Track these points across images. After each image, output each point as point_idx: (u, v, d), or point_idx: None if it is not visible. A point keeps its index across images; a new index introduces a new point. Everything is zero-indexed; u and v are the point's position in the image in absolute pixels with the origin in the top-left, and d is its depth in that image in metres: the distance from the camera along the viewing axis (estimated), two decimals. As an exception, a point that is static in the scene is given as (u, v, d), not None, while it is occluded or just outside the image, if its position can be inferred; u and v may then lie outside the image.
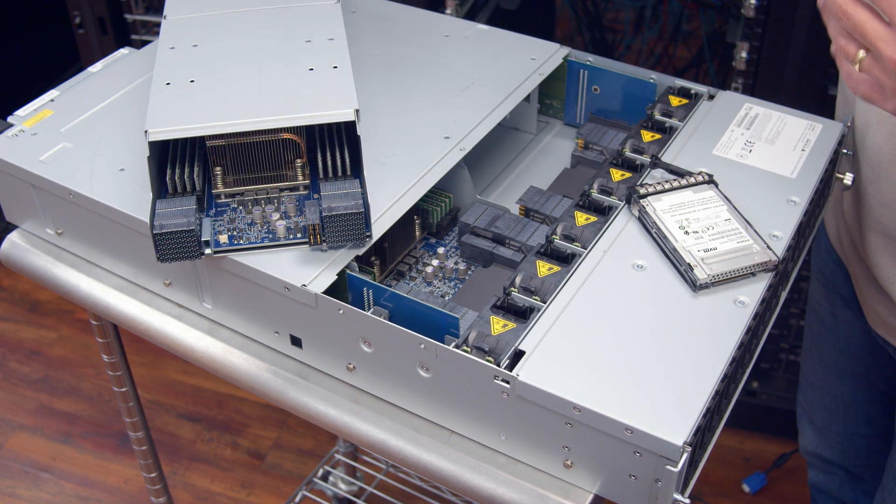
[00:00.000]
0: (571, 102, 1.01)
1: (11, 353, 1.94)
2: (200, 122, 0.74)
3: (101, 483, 1.68)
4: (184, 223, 0.73)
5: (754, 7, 1.26)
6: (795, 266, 0.86)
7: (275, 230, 0.76)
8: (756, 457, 1.69)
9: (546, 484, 0.69)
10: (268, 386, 0.79)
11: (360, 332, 0.72)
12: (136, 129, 0.87)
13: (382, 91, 0.93)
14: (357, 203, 0.73)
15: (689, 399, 0.63)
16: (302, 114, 0.75)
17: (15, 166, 0.86)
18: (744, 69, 1.32)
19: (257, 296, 0.76)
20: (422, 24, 1.05)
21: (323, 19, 0.89)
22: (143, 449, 1.16)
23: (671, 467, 0.61)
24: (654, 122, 0.90)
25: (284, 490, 1.66)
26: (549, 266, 0.74)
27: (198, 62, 0.83)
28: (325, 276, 0.73)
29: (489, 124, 0.88)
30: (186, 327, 0.84)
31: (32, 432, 1.78)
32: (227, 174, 0.79)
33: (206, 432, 1.77)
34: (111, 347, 1.04)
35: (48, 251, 0.91)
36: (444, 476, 0.72)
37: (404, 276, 0.84)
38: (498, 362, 0.66)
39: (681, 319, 0.69)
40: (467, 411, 0.71)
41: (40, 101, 0.94)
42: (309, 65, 0.81)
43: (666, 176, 0.83)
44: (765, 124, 0.89)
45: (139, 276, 0.87)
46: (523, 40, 1.01)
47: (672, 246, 0.74)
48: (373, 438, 0.75)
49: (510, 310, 0.72)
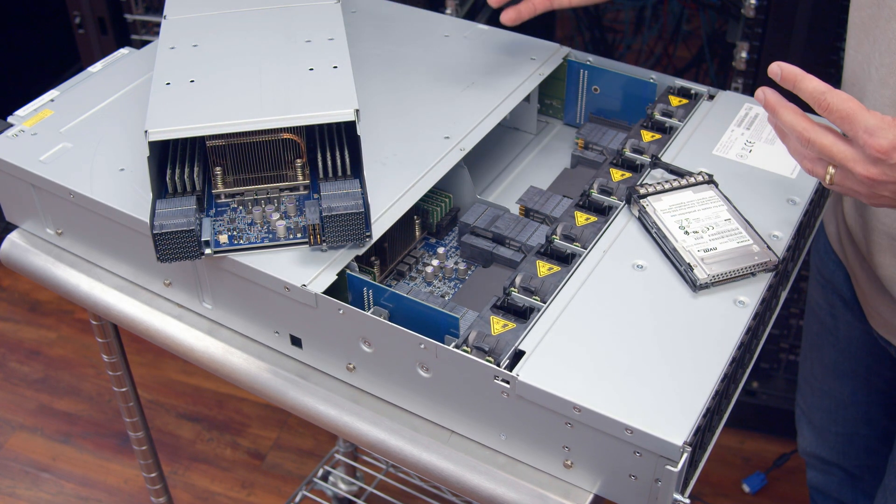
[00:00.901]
0: (571, 102, 1.01)
1: (11, 353, 1.93)
2: (200, 122, 0.74)
3: (101, 483, 1.68)
4: (184, 223, 0.73)
5: (754, 7, 1.27)
6: (795, 266, 0.86)
7: (275, 230, 0.76)
8: (756, 457, 1.69)
9: (546, 484, 0.69)
10: (268, 386, 0.79)
11: (360, 332, 0.72)
12: (136, 129, 0.87)
13: (382, 91, 0.93)
14: (357, 203, 0.73)
15: (689, 399, 0.63)
16: (302, 114, 0.75)
17: (15, 166, 0.86)
18: (744, 69, 1.32)
19: (257, 296, 0.76)
20: (422, 24, 1.05)
21: (323, 19, 0.89)
22: (143, 449, 1.16)
23: (671, 467, 0.61)
24: (654, 122, 0.90)
25: (284, 490, 1.66)
26: (549, 266, 0.74)
27: (198, 62, 0.83)
28: (325, 276, 0.73)
29: (489, 124, 0.88)
30: (186, 327, 0.84)
31: (32, 432, 1.78)
32: (227, 174, 0.79)
33: (206, 432, 1.77)
34: (111, 347, 1.04)
35: (48, 251, 0.91)
36: (444, 476, 0.72)
37: (404, 276, 0.84)
38: (498, 362, 0.66)
39: (681, 319, 0.69)
40: (467, 411, 0.71)
41: (40, 101, 0.94)
42: (309, 65, 0.81)
43: (666, 176, 0.83)
44: (765, 124, 0.89)
45: (139, 276, 0.87)
46: (523, 40, 1.01)
47: (672, 246, 0.74)
48: (373, 438, 0.75)
49: (510, 310, 0.72)
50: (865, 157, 0.67)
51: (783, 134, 0.73)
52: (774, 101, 0.71)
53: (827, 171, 0.71)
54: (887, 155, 0.66)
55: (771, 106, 0.71)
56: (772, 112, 0.72)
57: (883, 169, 0.67)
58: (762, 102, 0.72)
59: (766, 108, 0.72)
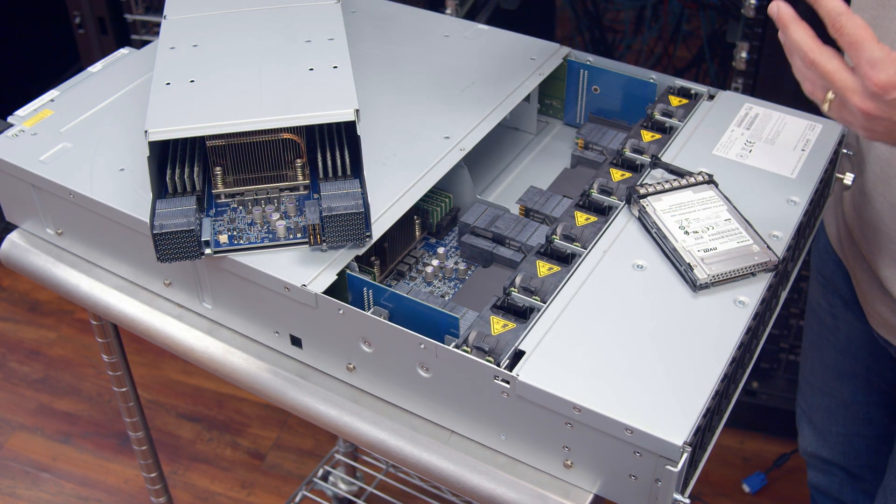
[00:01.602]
0: (571, 102, 1.01)
1: (11, 353, 1.94)
2: (200, 122, 0.74)
3: (101, 483, 1.68)
4: (184, 223, 0.73)
5: (754, 7, 1.27)
6: (795, 266, 0.86)
7: (275, 230, 0.76)
8: (756, 457, 1.69)
9: (546, 484, 0.69)
10: (268, 386, 0.79)
11: (360, 332, 0.72)
12: (136, 129, 0.87)
13: (382, 91, 0.93)
14: (357, 203, 0.73)
15: (689, 399, 0.63)
16: (302, 114, 0.75)
17: (15, 166, 0.86)
18: (744, 69, 1.32)
19: (257, 296, 0.76)
20: (422, 24, 1.05)
21: (323, 19, 0.89)
22: (143, 449, 1.16)
23: (671, 467, 0.61)
24: (654, 122, 0.90)
25: (284, 490, 1.66)
26: (549, 266, 0.74)
27: (198, 62, 0.83)
28: (325, 276, 0.73)
29: (489, 124, 0.88)
30: (186, 327, 0.84)
31: (32, 432, 1.78)
32: (227, 174, 0.79)
33: (206, 432, 1.77)
34: (111, 347, 1.04)
35: (48, 251, 0.91)
36: (444, 476, 0.72)
37: (404, 276, 0.84)
38: (498, 362, 0.66)
39: (681, 319, 0.69)
40: (467, 411, 0.70)
41: (40, 101, 0.94)
42: (309, 65, 0.81)
43: (666, 176, 0.83)
44: (765, 124, 0.89)
45: (139, 276, 0.87)
46: (523, 40, 1.01)
47: (672, 246, 0.74)
48: (373, 438, 0.75)
49: (510, 310, 0.72)
50: (864, 89, 0.66)
51: (790, 52, 0.71)
52: (787, 16, 0.69)
53: (826, 97, 0.69)
54: (884, 90, 0.65)
55: (782, 21, 0.69)
56: (782, 28, 0.69)
57: (879, 104, 0.66)
58: (774, 16, 0.70)
59: (778, 23, 0.69)
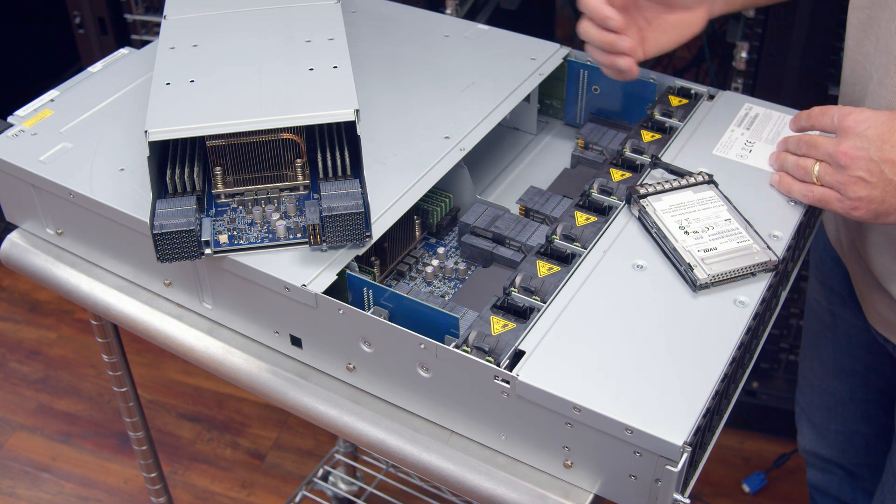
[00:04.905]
0: (571, 102, 1.01)
1: (11, 353, 1.93)
2: (200, 122, 0.74)
3: (101, 483, 1.68)
4: (184, 223, 0.73)
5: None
6: (795, 266, 0.86)
7: (275, 230, 0.76)
8: (756, 457, 1.69)
9: (546, 484, 0.69)
10: (268, 386, 0.79)
11: (360, 332, 0.72)
12: (136, 129, 0.87)
13: (382, 91, 0.93)
14: (357, 203, 0.73)
15: (689, 399, 0.63)
16: (302, 114, 0.75)
17: (15, 166, 0.86)
18: (744, 69, 1.32)
19: (257, 296, 0.76)
20: (422, 24, 1.05)
21: (323, 19, 0.89)
22: (143, 449, 1.16)
23: (671, 467, 0.61)
24: (654, 122, 0.90)
25: (284, 490, 1.66)
26: (549, 266, 0.74)
27: (198, 62, 0.83)
28: (325, 276, 0.73)
29: (489, 124, 0.88)
30: (186, 327, 0.84)
31: (32, 432, 1.78)
32: (227, 174, 0.79)
33: (206, 432, 1.77)
34: (111, 347, 1.04)
35: (48, 251, 0.91)
36: (444, 476, 0.72)
37: (404, 276, 0.84)
38: (498, 362, 0.66)
39: (681, 319, 0.69)
40: (467, 411, 0.71)
41: (40, 101, 0.94)
42: (309, 65, 0.81)
43: (666, 176, 0.83)
44: (765, 124, 0.89)
45: (139, 276, 0.87)
46: (523, 40, 1.01)
47: (672, 246, 0.74)
48: (373, 438, 0.75)
49: (510, 310, 0.72)
50: (841, 136, 0.73)
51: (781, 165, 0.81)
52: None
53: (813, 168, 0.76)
54: (857, 123, 0.72)
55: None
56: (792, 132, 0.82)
57: (855, 142, 0.72)
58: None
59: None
